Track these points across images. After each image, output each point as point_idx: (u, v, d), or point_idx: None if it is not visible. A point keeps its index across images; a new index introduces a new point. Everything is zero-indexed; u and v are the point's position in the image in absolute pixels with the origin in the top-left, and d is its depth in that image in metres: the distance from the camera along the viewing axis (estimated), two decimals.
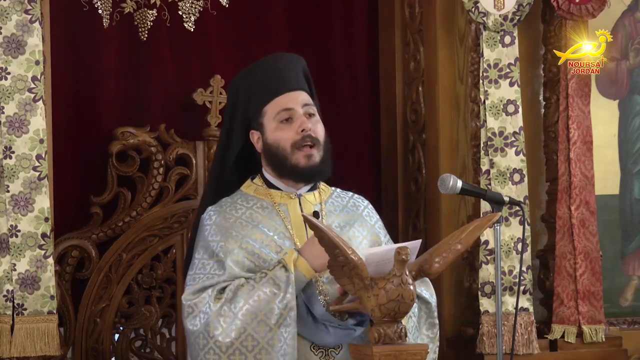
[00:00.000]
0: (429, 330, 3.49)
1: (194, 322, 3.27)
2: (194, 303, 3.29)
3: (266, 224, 3.42)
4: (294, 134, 3.42)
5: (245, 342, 3.22)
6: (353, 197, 3.63)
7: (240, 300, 3.24)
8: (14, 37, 3.97)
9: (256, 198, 3.49)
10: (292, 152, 3.42)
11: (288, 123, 3.44)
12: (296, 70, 3.53)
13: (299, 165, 3.42)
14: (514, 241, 4.42)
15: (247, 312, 3.22)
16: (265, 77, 3.49)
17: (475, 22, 4.49)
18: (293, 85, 3.49)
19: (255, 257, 3.35)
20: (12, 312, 3.94)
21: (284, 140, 3.43)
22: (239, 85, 3.57)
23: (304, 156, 3.42)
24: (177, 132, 4.50)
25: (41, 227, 3.96)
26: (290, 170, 3.44)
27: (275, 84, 3.47)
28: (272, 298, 3.23)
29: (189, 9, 4.58)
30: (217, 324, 3.23)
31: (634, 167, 4.87)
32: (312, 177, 3.48)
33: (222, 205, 3.49)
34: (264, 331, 3.21)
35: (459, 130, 4.60)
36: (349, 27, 4.87)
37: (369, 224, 3.57)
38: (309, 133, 3.42)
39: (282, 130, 3.44)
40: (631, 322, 4.83)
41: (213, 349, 3.23)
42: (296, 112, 3.44)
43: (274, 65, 3.53)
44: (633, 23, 4.87)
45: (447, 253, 3.25)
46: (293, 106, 3.45)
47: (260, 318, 3.22)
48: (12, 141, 3.95)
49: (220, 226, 3.41)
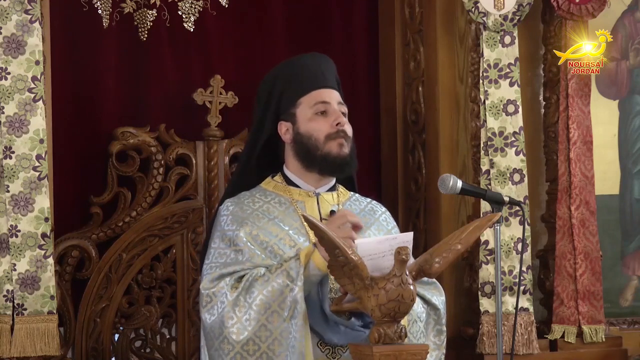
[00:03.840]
0: (436, 337, 3.50)
1: (212, 311, 3.30)
2: (212, 292, 3.32)
3: (282, 219, 3.46)
4: (329, 127, 3.49)
5: (259, 332, 3.24)
6: (371, 203, 3.68)
7: (255, 291, 3.26)
8: (14, 37, 3.97)
9: (274, 194, 3.54)
10: (325, 142, 3.48)
11: (323, 116, 3.52)
12: (333, 72, 3.63)
13: (331, 153, 3.48)
14: (514, 241, 4.42)
15: (260, 303, 3.25)
16: (304, 70, 3.57)
17: (475, 22, 4.49)
18: (330, 83, 3.59)
19: (267, 251, 3.37)
20: (12, 312, 3.95)
21: (317, 131, 3.49)
22: (277, 75, 3.62)
23: (337, 144, 3.48)
24: (177, 132, 4.50)
25: (41, 227, 3.96)
26: (321, 160, 3.49)
27: (314, 77, 3.56)
28: (284, 289, 3.25)
29: (188, 9, 4.58)
30: (232, 314, 3.26)
31: (634, 167, 4.87)
32: (341, 166, 3.52)
33: (240, 198, 3.54)
34: (278, 322, 3.24)
35: (459, 130, 4.60)
36: (349, 27, 4.86)
37: (386, 228, 3.60)
38: (343, 128, 3.50)
39: (317, 122, 3.51)
40: (631, 322, 4.83)
41: (227, 338, 3.25)
42: (332, 107, 3.53)
43: (313, 62, 3.61)
44: (633, 23, 4.87)
45: (447, 253, 3.25)
46: (330, 100, 3.54)
47: (273, 309, 3.24)
48: (12, 141, 3.95)
49: (237, 216, 3.45)
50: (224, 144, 4.50)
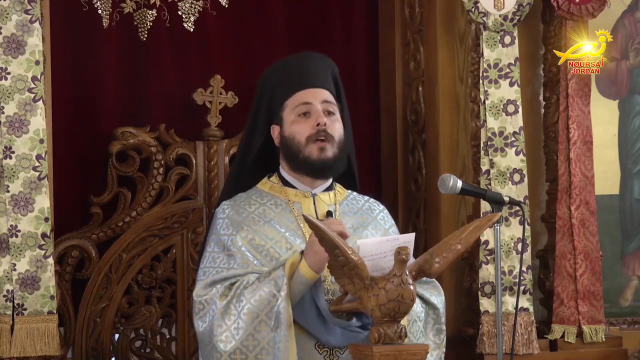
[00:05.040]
0: (435, 337, 3.49)
1: (204, 319, 3.29)
2: (204, 300, 3.31)
3: (278, 221, 3.44)
4: (309, 128, 3.44)
5: (246, 342, 3.22)
6: (369, 201, 3.66)
7: (243, 299, 3.25)
8: (14, 37, 3.97)
9: (270, 195, 3.52)
10: (306, 144, 3.44)
11: (305, 117, 3.47)
12: (323, 70, 3.57)
13: (311, 157, 3.44)
14: (514, 241, 4.42)
15: (249, 312, 3.23)
16: (291, 72, 3.53)
17: (475, 22, 4.49)
18: (316, 82, 3.52)
19: (263, 255, 3.36)
20: (12, 312, 3.95)
21: (299, 134, 3.45)
22: (266, 80, 3.60)
23: (317, 148, 3.43)
24: (177, 132, 4.50)
25: (41, 227, 3.96)
26: (303, 163, 3.46)
27: (299, 78, 3.50)
28: (271, 299, 3.23)
29: (188, 9, 4.58)
30: (221, 322, 3.24)
31: (634, 167, 4.87)
32: (323, 170, 3.48)
33: (236, 200, 3.52)
34: (266, 331, 3.22)
35: (459, 130, 4.60)
36: (349, 27, 4.86)
37: (383, 227, 3.58)
38: (324, 128, 3.44)
39: (299, 124, 3.46)
40: (631, 322, 4.83)
41: (215, 346, 3.24)
42: (314, 107, 3.47)
43: (302, 62, 3.57)
44: (633, 23, 4.87)
45: (447, 253, 3.25)
46: (312, 101, 3.47)
47: (261, 318, 3.23)
48: (12, 141, 3.95)
49: (233, 220, 3.44)
50: (224, 144, 4.50)
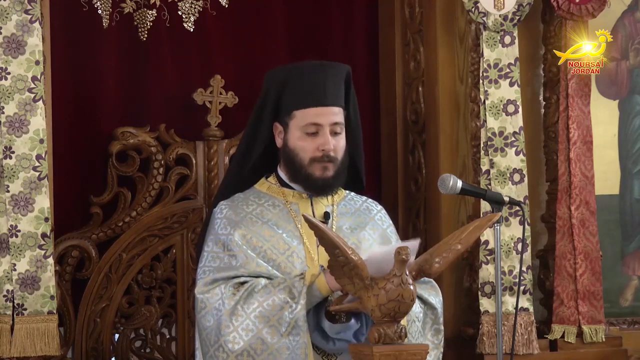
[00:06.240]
0: (434, 337, 3.50)
1: (207, 317, 3.30)
2: (206, 298, 3.32)
3: (276, 222, 3.45)
4: (314, 150, 3.45)
5: (255, 344, 3.24)
6: (366, 202, 3.67)
7: (254, 301, 3.26)
8: (14, 37, 3.97)
9: (268, 195, 3.53)
10: (310, 164, 3.46)
11: (312, 136, 3.46)
12: (337, 85, 3.54)
13: (313, 175, 3.46)
14: (514, 241, 4.42)
15: (260, 315, 3.25)
16: (306, 82, 3.49)
17: (475, 22, 4.49)
18: (329, 100, 3.49)
19: (260, 256, 3.37)
20: (12, 312, 3.95)
21: (304, 151, 3.46)
22: (278, 76, 3.56)
23: (320, 168, 3.46)
24: (177, 132, 4.50)
25: (41, 227, 3.96)
26: (304, 178, 3.48)
27: (315, 94, 3.48)
28: (284, 305, 3.25)
29: (188, 9, 4.58)
30: (229, 323, 3.25)
31: (634, 167, 4.87)
32: (323, 188, 3.51)
33: (234, 200, 3.53)
34: (276, 337, 3.24)
35: (459, 130, 4.60)
36: (349, 27, 4.86)
37: (381, 227, 3.59)
38: (329, 153, 3.46)
39: (305, 141, 3.46)
40: (631, 322, 4.83)
41: (223, 346, 3.25)
42: (322, 128, 3.46)
43: (317, 75, 3.52)
44: (633, 23, 4.87)
45: (447, 253, 3.25)
46: (322, 122, 3.46)
47: (272, 323, 3.25)
48: (12, 141, 3.95)
49: (230, 220, 3.44)
50: (224, 144, 4.50)
